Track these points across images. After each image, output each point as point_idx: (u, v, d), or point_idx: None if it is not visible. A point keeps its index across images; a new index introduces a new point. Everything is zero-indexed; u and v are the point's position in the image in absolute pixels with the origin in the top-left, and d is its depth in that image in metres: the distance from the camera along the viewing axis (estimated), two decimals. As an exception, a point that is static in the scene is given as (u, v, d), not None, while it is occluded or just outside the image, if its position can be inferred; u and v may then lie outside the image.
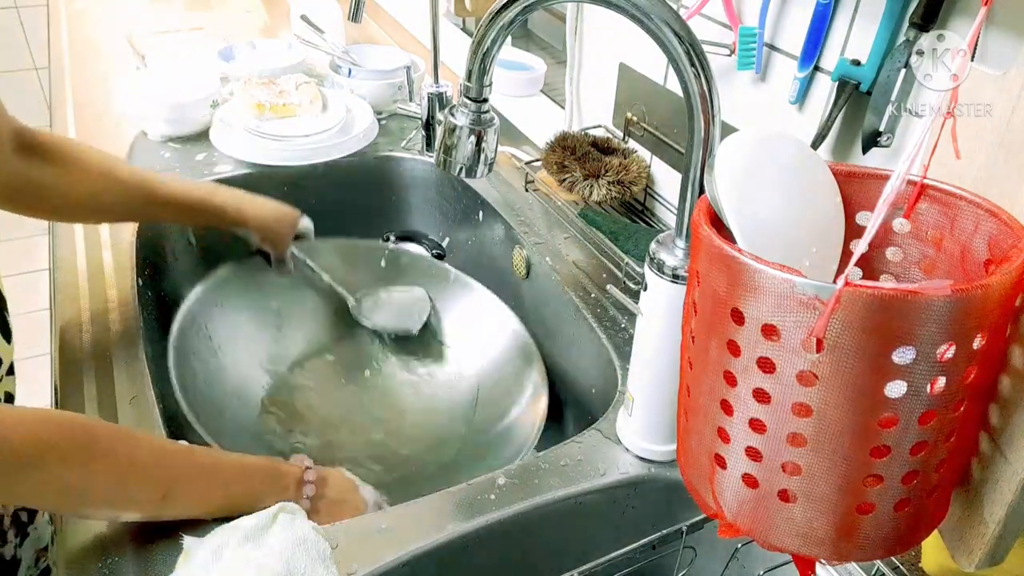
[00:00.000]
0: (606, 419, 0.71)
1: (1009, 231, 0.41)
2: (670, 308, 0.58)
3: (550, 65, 1.33)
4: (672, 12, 0.51)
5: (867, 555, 0.45)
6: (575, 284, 0.90)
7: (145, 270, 0.94)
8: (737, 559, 0.68)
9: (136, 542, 0.58)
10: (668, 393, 0.62)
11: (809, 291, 0.37)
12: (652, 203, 1.01)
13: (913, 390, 0.38)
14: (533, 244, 0.97)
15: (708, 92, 0.52)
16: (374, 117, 1.21)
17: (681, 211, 0.58)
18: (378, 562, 0.58)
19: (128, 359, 0.76)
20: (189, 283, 1.08)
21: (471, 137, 0.62)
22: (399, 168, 1.19)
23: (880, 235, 0.49)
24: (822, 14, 0.68)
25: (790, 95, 0.73)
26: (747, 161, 0.46)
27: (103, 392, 0.72)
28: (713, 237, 0.42)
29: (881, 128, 0.65)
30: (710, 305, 0.43)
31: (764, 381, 0.41)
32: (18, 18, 2.51)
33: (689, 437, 0.49)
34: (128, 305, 0.83)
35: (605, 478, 0.66)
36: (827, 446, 0.40)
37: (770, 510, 0.44)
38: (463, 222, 1.15)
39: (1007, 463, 0.42)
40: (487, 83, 0.59)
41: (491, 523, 0.62)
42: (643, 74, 0.96)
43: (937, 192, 0.46)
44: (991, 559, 0.45)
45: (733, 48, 0.78)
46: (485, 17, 0.56)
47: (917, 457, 0.41)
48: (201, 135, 1.16)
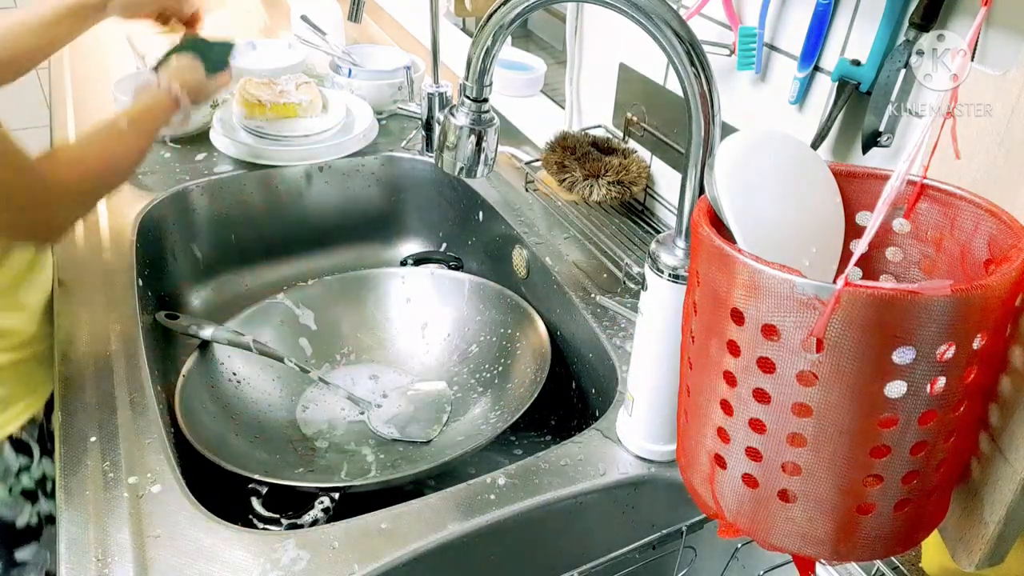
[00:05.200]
0: (606, 419, 0.71)
1: (1009, 231, 0.41)
2: (670, 308, 0.58)
3: (550, 65, 1.33)
4: (672, 12, 0.51)
5: (867, 555, 0.45)
6: (575, 284, 0.90)
7: (145, 270, 0.94)
8: (737, 559, 0.68)
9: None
10: (668, 393, 0.62)
11: (809, 291, 0.37)
12: (652, 203, 1.01)
13: (913, 390, 0.38)
14: (533, 244, 0.97)
15: (708, 92, 0.52)
16: (374, 117, 1.21)
17: (681, 211, 0.58)
18: (378, 562, 0.58)
19: (128, 359, 0.76)
20: (189, 283, 1.09)
21: (471, 137, 0.62)
22: (399, 168, 1.19)
23: (880, 235, 0.49)
24: (822, 14, 0.68)
25: (790, 95, 0.73)
26: (747, 161, 0.46)
27: (103, 392, 0.72)
28: (713, 237, 0.42)
29: (881, 128, 0.65)
30: (710, 305, 0.43)
31: (764, 381, 0.41)
32: (18, 18, 2.50)
33: (689, 437, 0.49)
34: (128, 305, 0.83)
35: (605, 478, 0.66)
36: (827, 446, 0.40)
37: (770, 510, 0.44)
38: (463, 222, 1.15)
39: (1007, 463, 0.42)
40: (487, 83, 0.60)
41: (491, 523, 0.62)
42: (643, 74, 0.96)
43: (937, 192, 0.46)
44: (991, 559, 0.45)
45: (733, 48, 0.78)
46: (485, 17, 0.56)
47: (917, 457, 0.41)
48: (201, 135, 1.16)
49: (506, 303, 0.96)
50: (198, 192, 1.07)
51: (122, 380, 0.73)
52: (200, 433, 0.75)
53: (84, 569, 0.56)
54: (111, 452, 0.66)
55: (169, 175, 1.07)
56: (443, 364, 0.98)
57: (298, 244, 1.17)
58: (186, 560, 0.57)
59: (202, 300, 1.09)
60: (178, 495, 0.62)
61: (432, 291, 1.02)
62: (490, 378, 0.93)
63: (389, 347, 1.00)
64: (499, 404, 0.88)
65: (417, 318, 1.01)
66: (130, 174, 0.86)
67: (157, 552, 0.58)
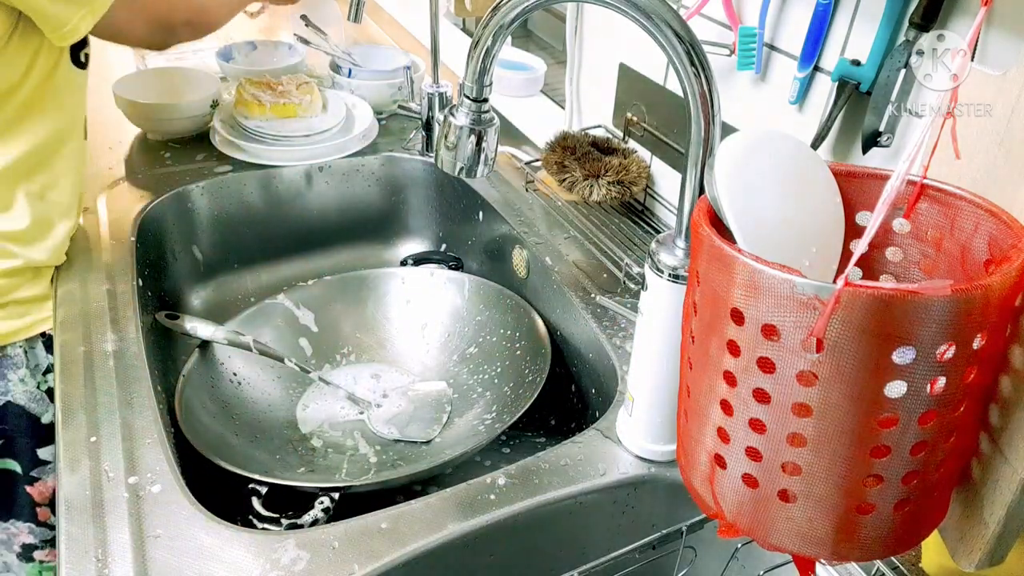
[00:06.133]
0: (606, 419, 0.71)
1: (1009, 231, 0.41)
2: (670, 308, 0.58)
3: (550, 65, 1.33)
4: (672, 12, 0.51)
5: (867, 555, 0.45)
6: (575, 284, 0.90)
7: (145, 270, 0.94)
8: (737, 559, 0.68)
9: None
10: (668, 393, 0.62)
11: (809, 291, 0.37)
12: (652, 203, 1.01)
13: (913, 390, 0.38)
14: (533, 244, 0.97)
15: (708, 92, 0.52)
16: (374, 117, 1.21)
17: (681, 211, 0.58)
18: (378, 562, 0.58)
19: (128, 359, 0.76)
20: (189, 283, 1.08)
21: (471, 137, 0.62)
22: (399, 168, 1.19)
23: (880, 235, 0.49)
24: (822, 14, 0.68)
25: (790, 95, 0.73)
26: (747, 161, 0.46)
27: (103, 392, 0.72)
28: (713, 237, 0.42)
29: (881, 128, 0.65)
30: (710, 305, 0.43)
31: (764, 381, 0.41)
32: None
33: (689, 437, 0.49)
34: (128, 305, 0.83)
35: (605, 478, 0.66)
36: (827, 446, 0.40)
37: (770, 510, 0.44)
38: (463, 222, 1.15)
39: (1007, 463, 0.42)
40: (487, 83, 0.59)
41: (491, 523, 0.62)
42: (643, 74, 0.96)
43: (937, 192, 0.46)
44: (991, 559, 0.45)
45: (733, 48, 0.78)
46: (485, 17, 0.56)
47: (917, 457, 0.41)
48: (201, 135, 1.16)
49: (506, 303, 0.96)
50: (198, 192, 1.07)
51: (122, 380, 0.73)
52: (200, 433, 0.75)
53: (84, 569, 0.56)
54: (111, 452, 0.66)
55: (169, 175, 1.07)
56: (443, 364, 0.98)
57: (298, 244, 1.17)
58: (186, 560, 0.57)
59: (202, 300, 1.09)
60: (178, 495, 0.62)
61: (432, 291, 1.01)
62: (490, 378, 0.93)
63: (389, 347, 1.00)
64: (499, 404, 0.88)
65: (417, 318, 1.01)
66: (220, 19, 0.99)
67: (157, 552, 0.58)
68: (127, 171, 1.08)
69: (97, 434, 0.67)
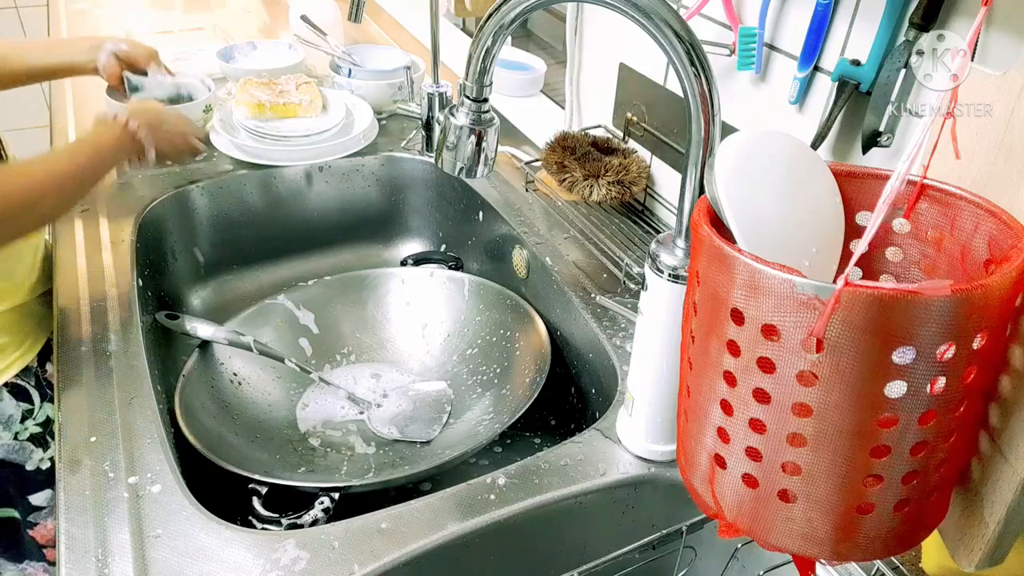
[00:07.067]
0: (606, 419, 0.71)
1: (1009, 231, 0.41)
2: (670, 308, 0.58)
3: (550, 65, 1.33)
4: (672, 12, 0.51)
5: (867, 555, 0.45)
6: (575, 284, 0.90)
7: (145, 270, 0.94)
8: (737, 559, 0.68)
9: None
10: (668, 393, 0.62)
11: (809, 291, 0.37)
12: (652, 203, 1.01)
13: (913, 390, 0.38)
14: (533, 244, 0.97)
15: (708, 92, 0.52)
16: (374, 117, 1.21)
17: (681, 211, 0.58)
18: (378, 562, 0.58)
19: (128, 359, 0.76)
20: (189, 283, 1.08)
21: (471, 137, 0.62)
22: (399, 168, 1.19)
23: (880, 235, 0.49)
24: (822, 14, 0.68)
25: (790, 95, 0.73)
26: (747, 161, 0.46)
27: (102, 392, 0.72)
28: (713, 237, 0.42)
29: (881, 128, 0.65)
30: (710, 305, 0.43)
31: (764, 381, 0.41)
32: (18, 18, 2.50)
33: (689, 437, 0.49)
34: (128, 305, 0.83)
35: (605, 478, 0.66)
36: (827, 446, 0.40)
37: (770, 510, 0.44)
38: (463, 222, 1.15)
39: (1007, 463, 0.42)
40: (487, 83, 0.59)
41: (491, 523, 0.62)
42: (643, 74, 0.96)
43: (937, 192, 0.46)
44: (991, 559, 0.45)
45: (733, 48, 0.78)
46: (485, 17, 0.56)
47: (917, 457, 0.41)
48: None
49: (506, 303, 0.96)
50: (198, 192, 1.07)
51: (122, 380, 0.73)
52: (200, 433, 0.75)
53: (84, 569, 0.56)
54: (111, 452, 0.66)
55: (169, 175, 1.07)
56: (443, 364, 0.97)
57: (298, 244, 1.17)
58: (186, 560, 0.57)
59: (202, 300, 1.09)
60: (178, 495, 0.62)
61: (432, 291, 1.01)
62: (490, 378, 0.93)
63: (389, 347, 1.00)
64: (499, 404, 0.88)
65: (417, 318, 1.01)
66: (77, 196, 0.84)
67: (157, 552, 0.58)
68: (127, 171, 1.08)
69: (97, 434, 0.67)
